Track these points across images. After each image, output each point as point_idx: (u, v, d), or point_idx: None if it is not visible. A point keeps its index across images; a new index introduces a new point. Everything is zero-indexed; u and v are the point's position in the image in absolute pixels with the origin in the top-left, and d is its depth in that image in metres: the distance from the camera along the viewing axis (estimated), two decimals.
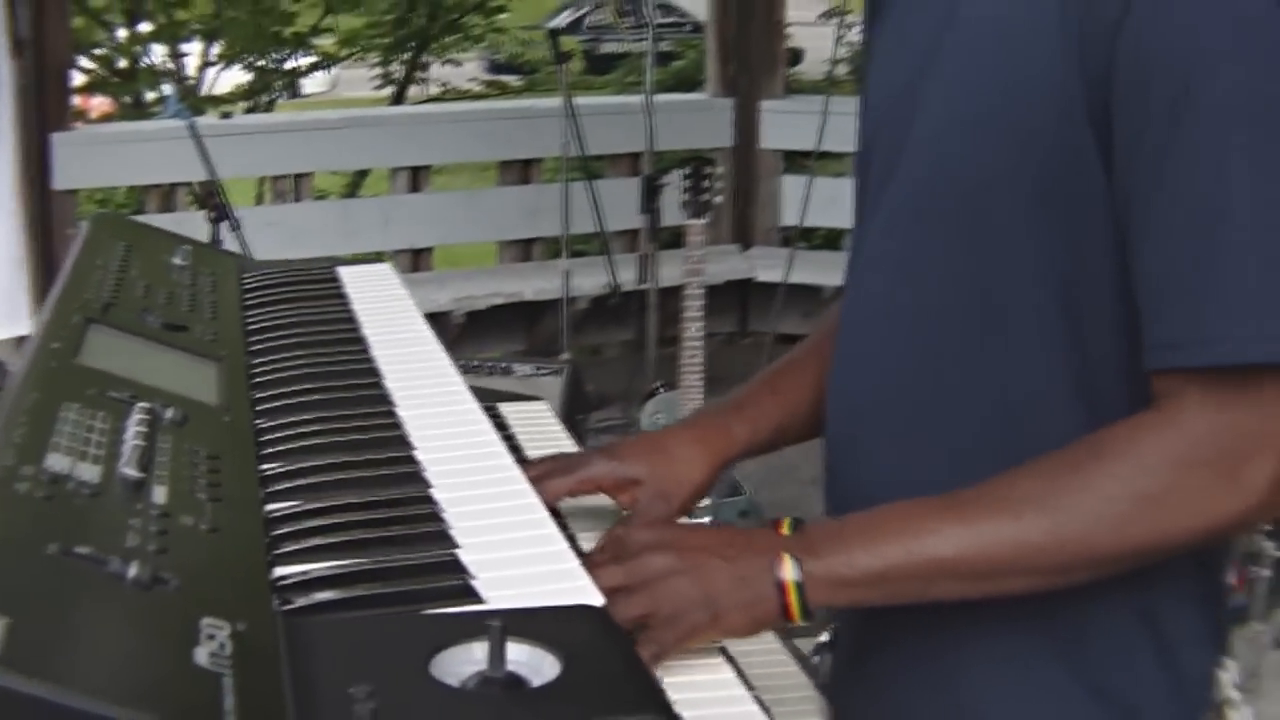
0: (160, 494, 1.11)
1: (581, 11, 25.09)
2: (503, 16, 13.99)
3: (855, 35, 9.51)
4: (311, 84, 16.02)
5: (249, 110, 11.27)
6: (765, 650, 1.74)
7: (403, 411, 1.49)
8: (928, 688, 1.53)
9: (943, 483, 1.41)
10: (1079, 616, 1.44)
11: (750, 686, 1.27)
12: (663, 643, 1.27)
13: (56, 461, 1.10)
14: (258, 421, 1.42)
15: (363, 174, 10.93)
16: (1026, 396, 1.44)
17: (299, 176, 6.95)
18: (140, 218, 6.37)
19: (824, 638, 3.85)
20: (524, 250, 7.44)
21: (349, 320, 1.84)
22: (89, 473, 1.10)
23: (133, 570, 0.94)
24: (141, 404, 1.27)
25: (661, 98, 5.61)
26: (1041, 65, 1.36)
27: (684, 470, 1.68)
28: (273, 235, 6.07)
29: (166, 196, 6.61)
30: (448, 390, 1.60)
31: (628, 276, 6.29)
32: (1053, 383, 1.43)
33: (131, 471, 1.12)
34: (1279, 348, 1.27)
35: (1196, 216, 1.29)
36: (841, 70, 10.36)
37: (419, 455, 1.37)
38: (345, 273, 2.08)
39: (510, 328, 7.02)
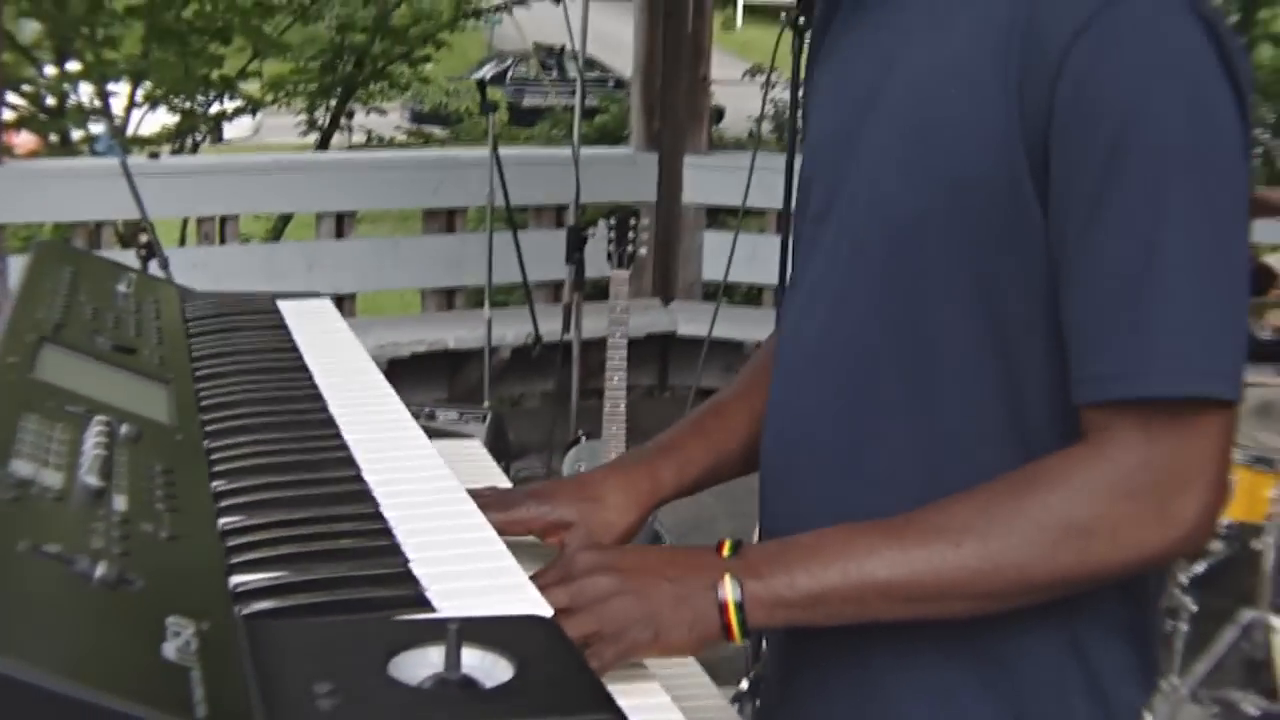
0: (121, 502, 1.14)
1: (505, 65, 25.23)
2: (428, 67, 14.03)
3: (778, 93, 9.65)
4: (234, 129, 15.99)
5: (174, 152, 11.23)
6: (693, 680, 1.77)
7: (348, 435, 1.52)
8: (855, 714, 1.57)
9: (875, 516, 1.46)
10: (1007, 646, 1.49)
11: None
12: (604, 658, 1.31)
13: (20, 467, 1.13)
14: (208, 441, 1.45)
15: (286, 219, 10.92)
16: (958, 433, 1.49)
17: (225, 219, 6.96)
18: None
19: (743, 685, 3.90)
20: (447, 299, 7.46)
21: (292, 349, 1.87)
22: (52, 479, 1.13)
23: (100, 570, 0.97)
24: (99, 417, 1.30)
25: (587, 150, 5.67)
26: (980, 110, 1.41)
27: (613, 515, 1.72)
28: (198, 276, 6.03)
29: (93, 234, 6.60)
30: (391, 416, 1.64)
31: (549, 327, 6.32)
32: (984, 419, 1.48)
33: (93, 480, 1.15)
34: (1208, 383, 1.33)
35: (1130, 257, 1.34)
36: (766, 128, 10.48)
37: (366, 476, 1.40)
38: (285, 305, 2.11)
39: (432, 376, 7.04)
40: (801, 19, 4.61)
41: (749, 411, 1.79)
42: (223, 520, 1.24)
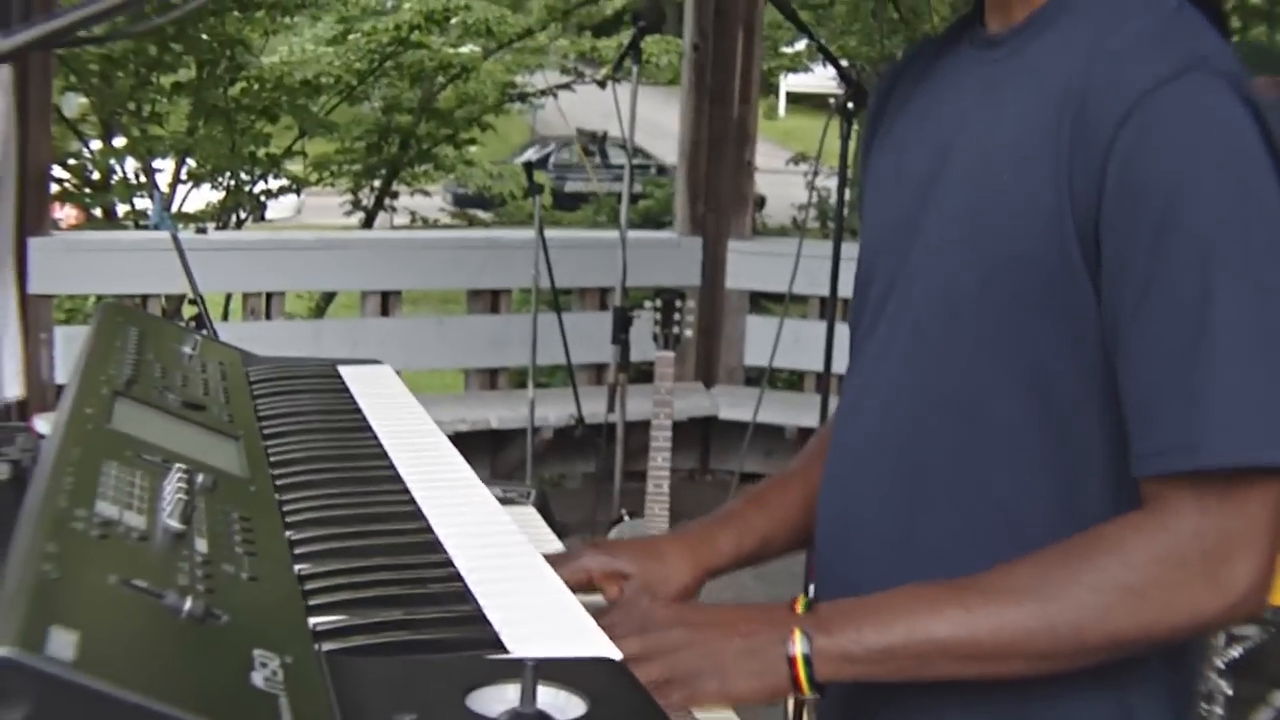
0: (202, 544, 1.17)
1: (547, 150, 25.43)
2: (473, 149, 14.15)
3: (823, 181, 9.72)
4: (277, 208, 16.14)
5: (219, 229, 11.35)
6: None
7: (415, 491, 1.56)
8: None
9: None
10: (1055, 710, 1.51)
11: None
12: (670, 700, 1.35)
13: (105, 508, 1.16)
14: (279, 494, 1.48)
15: (329, 296, 11.00)
16: (1008, 508, 1.53)
17: (271, 295, 7.02)
18: None
19: None
20: (490, 378, 7.51)
21: (355, 410, 1.90)
22: (136, 520, 1.16)
23: (188, 604, 1.00)
24: (178, 466, 1.33)
25: (632, 234, 5.72)
26: (1034, 190, 1.46)
27: (672, 572, 1.77)
28: None
29: (138, 308, 6.67)
30: (455, 474, 1.67)
31: (590, 409, 6.36)
32: (1034, 495, 1.51)
33: (174, 523, 1.18)
34: (1258, 453, 1.35)
35: (1181, 333, 1.37)
36: (810, 215, 10.54)
37: (435, 528, 1.44)
38: (345, 370, 2.15)
39: (475, 455, 7.05)
40: (850, 104, 4.66)
41: (806, 488, 1.84)
42: (298, 566, 1.27)
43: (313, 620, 1.16)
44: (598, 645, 1.21)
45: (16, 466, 1.49)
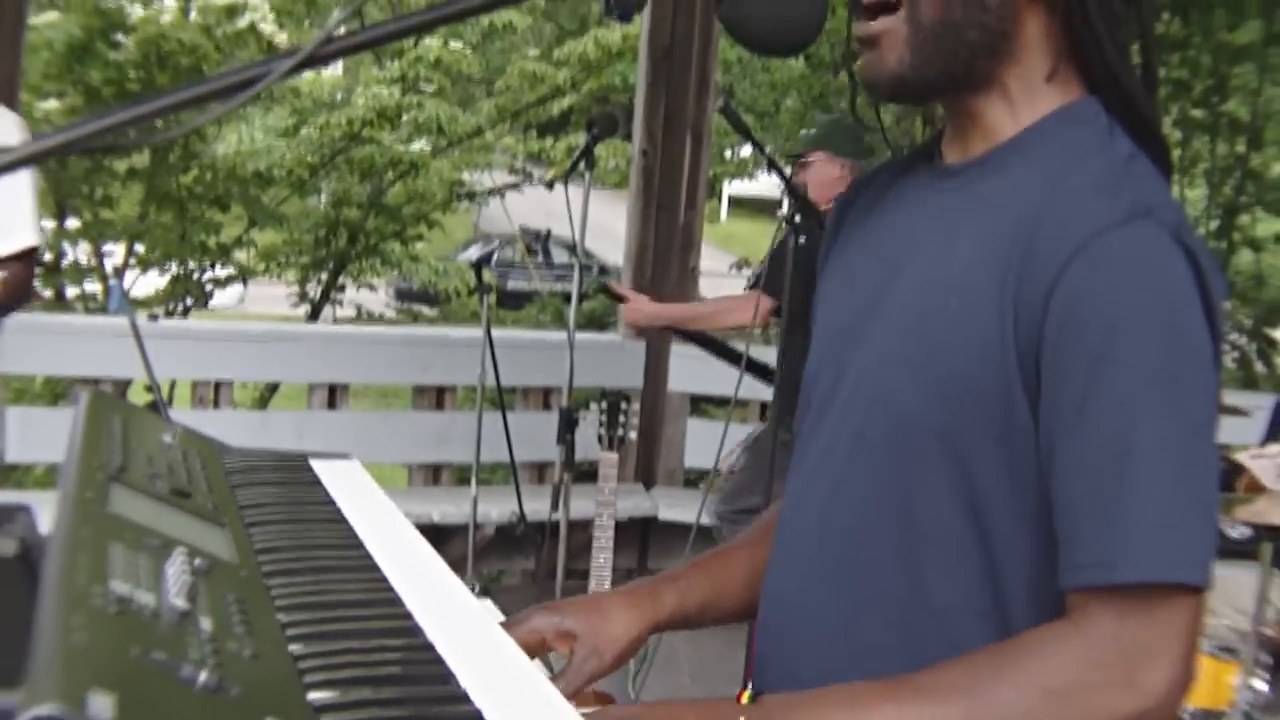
0: (206, 623, 1.26)
1: (491, 247, 25.58)
2: (419, 245, 14.27)
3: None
4: (220, 297, 16.17)
5: (166, 315, 11.40)
6: None
7: (393, 578, 1.65)
8: None
9: (864, 678, 1.59)
10: None
11: None
12: None
13: (118, 586, 1.25)
14: (267, 580, 1.57)
15: (274, 386, 11.05)
16: (944, 610, 1.63)
17: (219, 384, 7.08)
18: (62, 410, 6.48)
19: None
20: (433, 474, 7.58)
21: (330, 501, 1.99)
22: (146, 598, 1.25)
23: (203, 676, 1.09)
24: (179, 549, 1.42)
25: (578, 335, 5.83)
26: (979, 321, 1.57)
27: (617, 629, 1.87)
28: None
29: (117, 396, 6.71)
30: (424, 560, 1.77)
31: (532, 506, 6.43)
32: (971, 596, 1.61)
33: (180, 602, 1.27)
34: (1173, 571, 1.46)
35: (1109, 457, 1.48)
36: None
37: (414, 613, 1.53)
38: (317, 464, 2.24)
39: None
40: (797, 216, 4.81)
41: (751, 561, 1.95)
42: (292, 646, 1.36)
43: (311, 695, 1.25)
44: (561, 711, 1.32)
45: (23, 543, 1.57)
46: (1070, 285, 1.51)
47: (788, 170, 5.44)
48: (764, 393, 5.40)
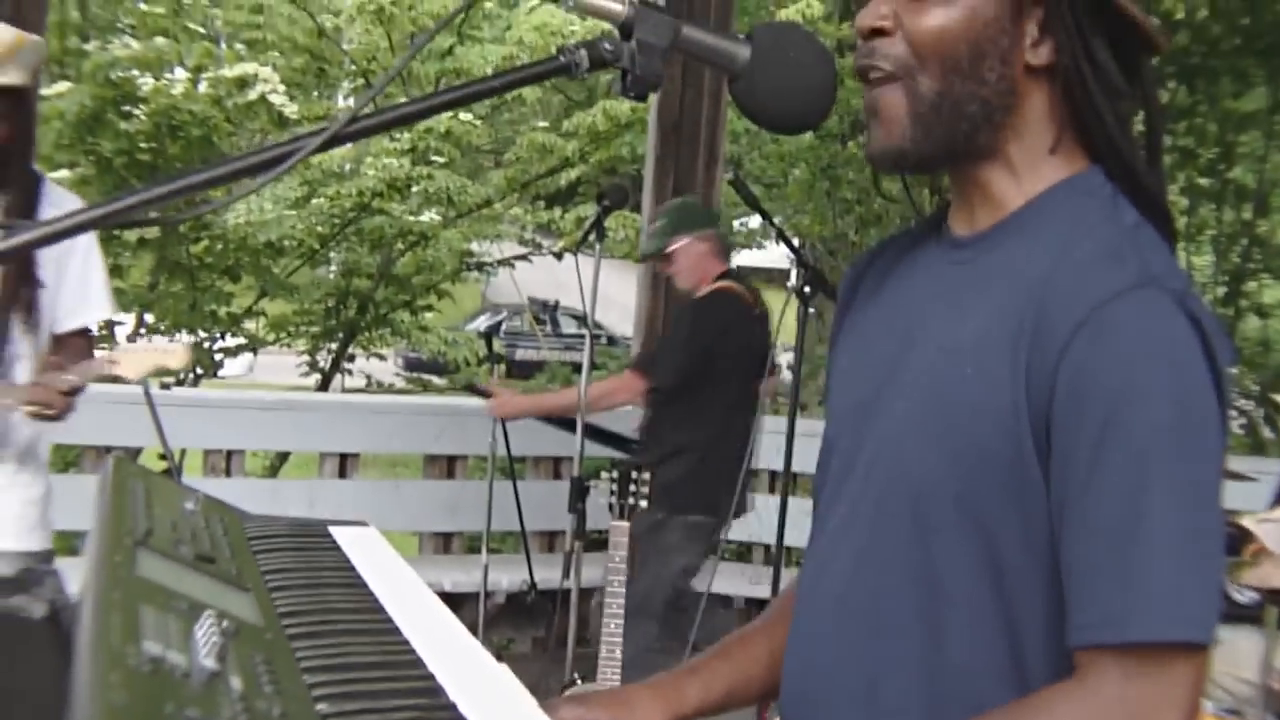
0: (236, 683, 1.29)
1: (499, 317, 25.67)
2: (429, 315, 14.33)
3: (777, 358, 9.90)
4: (230, 366, 16.22)
5: (177, 384, 11.43)
6: None
7: (415, 641, 1.68)
8: None
9: None
10: None
11: None
12: None
13: (150, 647, 1.29)
14: (292, 642, 1.61)
15: (284, 455, 11.08)
16: (964, 670, 1.66)
17: (231, 452, 7.13)
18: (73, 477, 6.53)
19: None
20: (444, 542, 7.60)
21: (349, 567, 2.03)
22: (178, 659, 1.29)
23: None
24: (208, 611, 1.46)
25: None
26: (992, 390, 1.61)
27: None
28: None
29: (99, 457, 6.76)
30: (444, 623, 1.80)
31: (542, 575, 6.46)
32: (988, 658, 1.65)
33: (211, 663, 1.30)
34: (1180, 630, 1.50)
35: (1119, 520, 1.52)
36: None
37: (437, 675, 1.56)
38: (336, 530, 2.28)
39: None
40: (807, 288, 4.86)
41: (771, 643, 1.98)
42: (319, 706, 1.40)
43: None
44: None
45: (52, 606, 1.62)
46: (1079, 353, 1.55)
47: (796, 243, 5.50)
48: (774, 462, 5.43)
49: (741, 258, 31.20)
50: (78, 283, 4.06)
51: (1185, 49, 12.35)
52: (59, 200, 3.99)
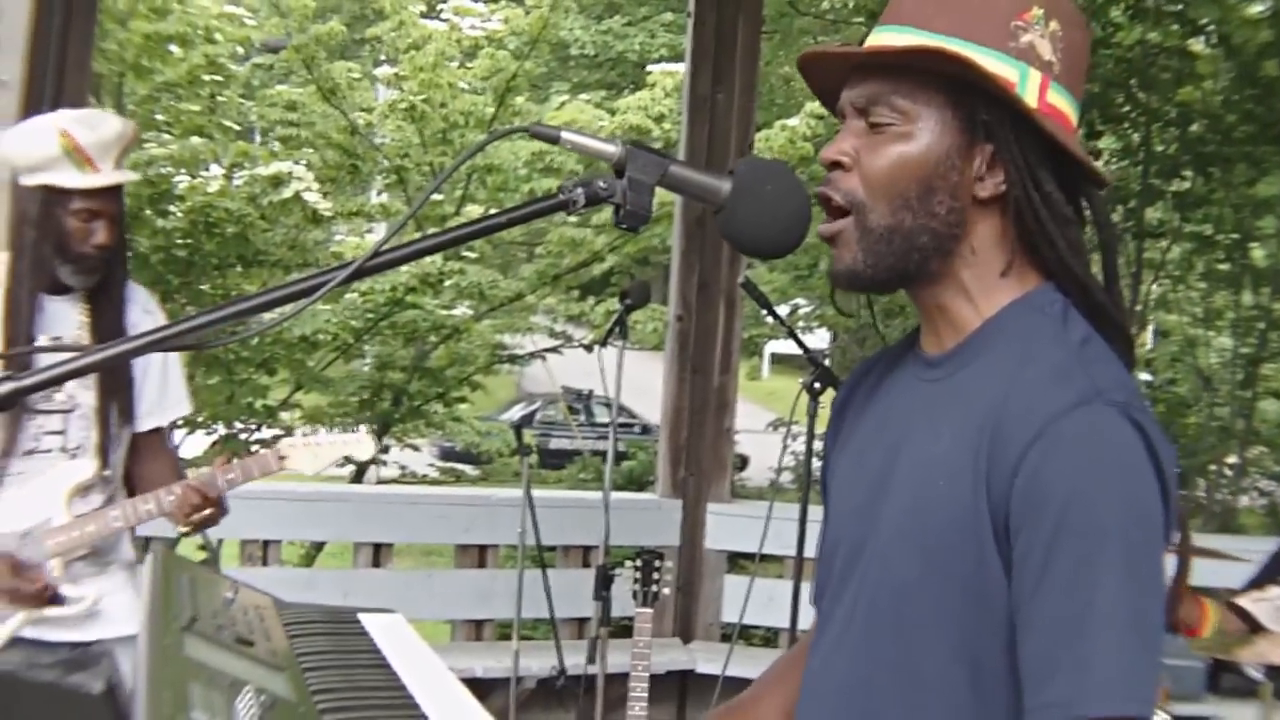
0: None
1: (533, 407, 25.84)
2: (463, 407, 14.48)
3: (798, 445, 10.06)
4: None
5: None
6: None
7: (433, 718, 1.87)
8: None
9: None
10: None
11: None
12: None
13: (198, 716, 1.47)
14: (323, 716, 1.79)
15: (319, 544, 11.24)
16: None
17: (268, 542, 7.29)
18: None
19: None
20: (476, 629, 7.74)
21: (376, 651, 2.22)
22: None
23: None
24: (247, 688, 1.65)
25: (615, 495, 6.02)
26: (960, 496, 1.80)
27: None
28: None
29: (140, 547, 6.92)
30: (461, 702, 1.99)
31: (572, 660, 6.59)
32: None
33: None
34: (1123, 706, 1.67)
35: (1069, 611, 1.70)
36: (786, 478, 10.86)
37: None
38: (365, 618, 2.47)
39: None
40: (817, 384, 5.06)
41: (782, 702, 2.18)
42: None
43: None
44: None
45: (108, 682, 1.81)
46: (1031, 465, 1.73)
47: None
48: (794, 549, 5.61)
49: (773, 345, 31.41)
50: (159, 381, 4.09)
51: (1200, 138, 12.56)
52: (141, 300, 4.07)
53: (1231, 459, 13.73)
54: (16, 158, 3.77)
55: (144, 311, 4.05)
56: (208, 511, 3.85)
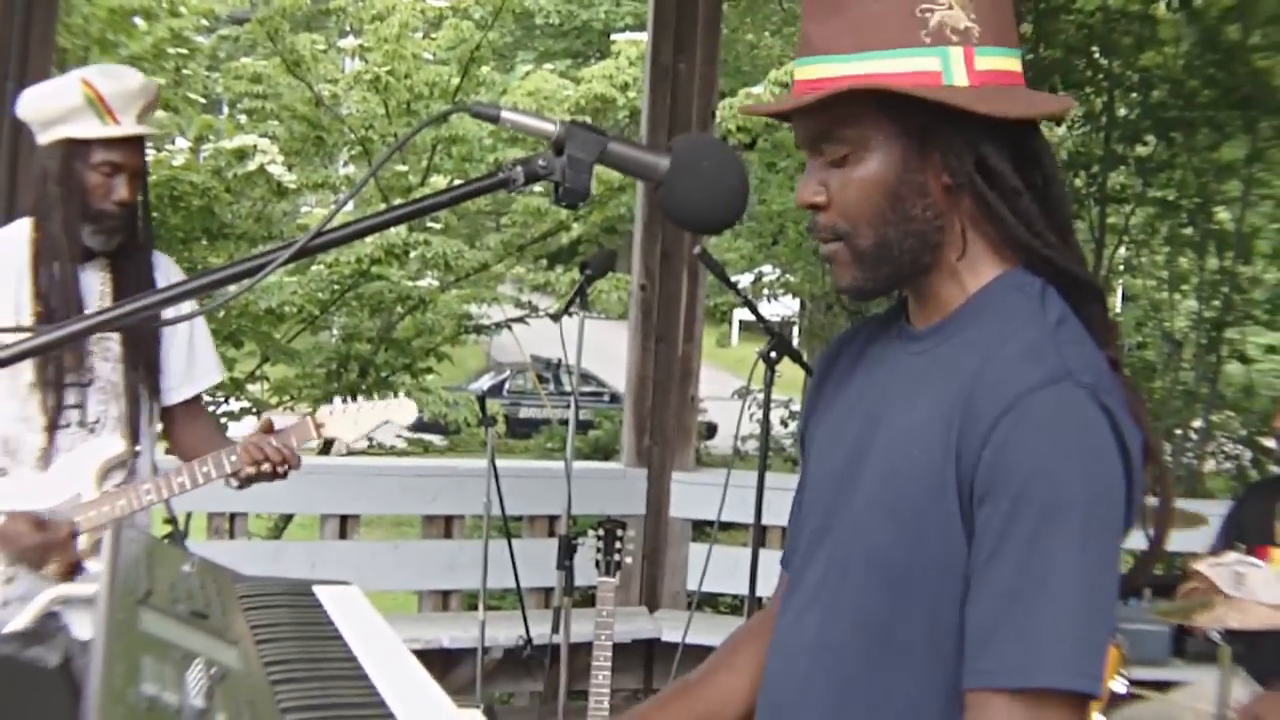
0: (221, 718, 1.52)
1: (503, 376, 25.86)
2: (430, 377, 14.48)
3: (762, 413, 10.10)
4: (235, 429, 16.41)
5: None
6: None
7: (382, 687, 1.91)
8: None
9: None
10: None
11: None
12: None
13: (148, 688, 1.51)
14: (274, 687, 1.83)
15: (288, 517, 11.26)
16: (911, 705, 1.90)
17: (234, 515, 7.32)
18: None
19: None
20: (443, 600, 7.78)
21: (329, 623, 2.26)
22: (171, 698, 1.51)
23: None
24: (197, 660, 1.68)
25: (579, 465, 6.06)
26: (932, 464, 1.86)
27: None
28: None
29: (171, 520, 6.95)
30: (409, 671, 2.03)
31: (538, 630, 6.63)
32: (926, 700, 1.89)
33: (199, 702, 1.53)
34: (1076, 680, 1.73)
35: (1020, 579, 1.76)
36: (750, 445, 10.90)
37: (396, 713, 1.79)
38: (320, 590, 2.51)
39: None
40: (773, 353, 5.11)
41: (734, 677, 2.27)
42: None
43: None
44: None
45: (65, 653, 1.85)
46: (999, 438, 1.79)
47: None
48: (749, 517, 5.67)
49: (744, 313, 31.49)
50: (185, 352, 4.05)
51: (1163, 103, 12.61)
52: (165, 268, 4.01)
53: (1197, 423, 13.81)
54: (38, 112, 3.70)
55: (168, 281, 3.92)
56: (269, 467, 3.99)
